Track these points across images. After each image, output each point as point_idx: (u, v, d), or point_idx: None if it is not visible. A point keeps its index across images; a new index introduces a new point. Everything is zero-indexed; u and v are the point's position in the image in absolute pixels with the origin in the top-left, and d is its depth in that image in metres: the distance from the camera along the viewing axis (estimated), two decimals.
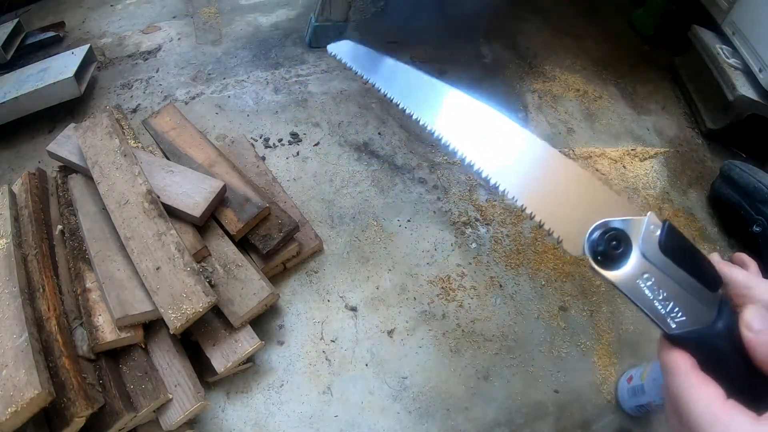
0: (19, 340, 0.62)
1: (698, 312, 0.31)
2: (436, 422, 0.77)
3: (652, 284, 0.31)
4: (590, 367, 0.84)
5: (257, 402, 0.77)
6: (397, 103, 0.48)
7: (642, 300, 0.31)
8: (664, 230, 0.31)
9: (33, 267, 0.75)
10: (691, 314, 0.31)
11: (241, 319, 0.75)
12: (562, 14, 1.53)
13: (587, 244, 0.33)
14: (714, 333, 0.30)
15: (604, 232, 0.32)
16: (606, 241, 0.32)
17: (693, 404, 0.28)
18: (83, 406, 0.61)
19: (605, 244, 0.32)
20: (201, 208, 0.80)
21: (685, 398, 0.29)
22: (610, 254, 0.32)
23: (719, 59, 1.17)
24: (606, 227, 0.32)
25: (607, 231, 0.32)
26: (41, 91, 1.08)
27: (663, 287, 0.31)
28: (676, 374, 0.30)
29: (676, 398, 0.30)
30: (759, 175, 0.95)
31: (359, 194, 1.03)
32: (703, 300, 0.31)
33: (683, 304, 0.31)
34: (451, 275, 0.92)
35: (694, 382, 0.29)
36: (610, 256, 0.32)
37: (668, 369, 0.31)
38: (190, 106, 1.19)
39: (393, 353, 0.83)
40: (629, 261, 0.32)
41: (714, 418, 0.27)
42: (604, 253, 0.32)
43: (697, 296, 0.31)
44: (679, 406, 0.29)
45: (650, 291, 0.31)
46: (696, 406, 0.28)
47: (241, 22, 1.43)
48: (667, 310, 0.31)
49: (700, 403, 0.28)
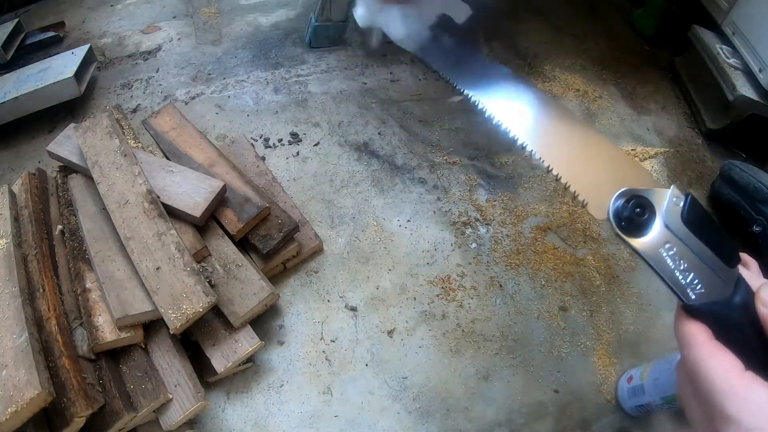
0: (19, 340, 0.62)
1: (717, 285, 0.31)
2: (436, 422, 0.77)
3: (673, 254, 0.32)
4: (590, 367, 0.84)
5: (257, 402, 0.77)
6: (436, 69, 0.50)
7: (664, 269, 0.32)
8: (687, 202, 0.32)
9: (33, 267, 0.75)
10: (710, 287, 0.31)
11: (241, 319, 0.75)
12: (562, 14, 1.53)
13: (612, 209, 0.33)
14: (731, 307, 0.31)
15: (629, 199, 0.33)
16: (630, 208, 0.32)
17: (710, 373, 0.28)
18: (83, 406, 0.61)
19: (629, 211, 0.32)
20: (201, 208, 0.80)
21: (703, 367, 0.28)
22: (634, 221, 0.32)
23: (719, 59, 1.17)
24: (631, 194, 0.33)
25: (632, 198, 0.32)
26: (41, 91, 1.08)
27: (684, 258, 0.31)
28: (694, 344, 0.30)
29: (693, 368, 0.29)
30: (759, 175, 0.95)
31: (359, 194, 1.03)
32: (722, 274, 0.31)
33: (703, 277, 0.31)
34: (451, 275, 0.92)
35: (712, 351, 0.29)
36: (633, 223, 0.32)
37: (686, 339, 0.31)
38: (190, 106, 1.19)
39: (393, 353, 0.83)
40: (652, 230, 0.32)
41: (731, 388, 0.27)
42: (629, 219, 0.32)
43: (717, 270, 0.31)
44: (696, 375, 0.29)
45: (672, 261, 0.32)
46: (713, 375, 0.28)
47: (241, 22, 1.43)
48: (687, 280, 0.31)
49: (718, 371, 0.28)
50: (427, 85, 1.25)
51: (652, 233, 0.32)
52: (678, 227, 0.32)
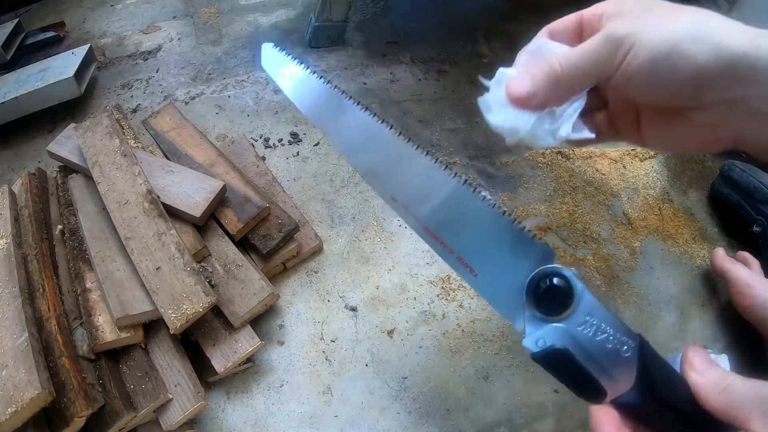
0: (19, 340, 0.62)
1: (627, 371, 0.30)
2: (436, 422, 0.77)
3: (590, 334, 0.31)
4: None
5: (257, 402, 0.77)
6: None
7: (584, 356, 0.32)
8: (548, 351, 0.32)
9: (33, 267, 0.75)
10: (624, 374, 0.30)
11: (241, 319, 0.75)
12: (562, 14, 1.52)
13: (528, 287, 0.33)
14: (646, 393, 0.30)
15: (548, 276, 0.32)
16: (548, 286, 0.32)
17: None
18: (83, 406, 0.61)
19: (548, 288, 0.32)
20: (201, 208, 0.80)
21: None
22: (552, 299, 0.32)
23: None
24: (550, 271, 0.32)
25: (552, 275, 0.32)
26: (41, 91, 1.08)
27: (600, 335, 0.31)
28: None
29: None
30: (759, 175, 0.95)
31: (359, 194, 1.03)
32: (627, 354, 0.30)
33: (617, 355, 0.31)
34: (451, 275, 0.92)
35: None
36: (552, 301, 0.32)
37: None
38: (190, 106, 1.19)
39: (393, 353, 0.83)
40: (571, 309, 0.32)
41: None
42: (547, 297, 0.32)
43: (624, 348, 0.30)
44: None
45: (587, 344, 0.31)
46: None
47: (241, 22, 1.43)
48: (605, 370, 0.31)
49: None
50: (427, 85, 1.25)
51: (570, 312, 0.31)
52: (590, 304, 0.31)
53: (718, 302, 0.90)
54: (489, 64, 1.35)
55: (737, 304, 0.78)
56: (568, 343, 0.31)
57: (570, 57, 0.30)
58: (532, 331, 0.32)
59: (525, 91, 0.31)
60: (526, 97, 0.31)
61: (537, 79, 0.31)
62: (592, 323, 0.30)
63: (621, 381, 0.30)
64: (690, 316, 0.89)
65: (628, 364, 0.30)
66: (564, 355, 0.31)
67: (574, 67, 0.29)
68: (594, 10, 0.33)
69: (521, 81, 0.31)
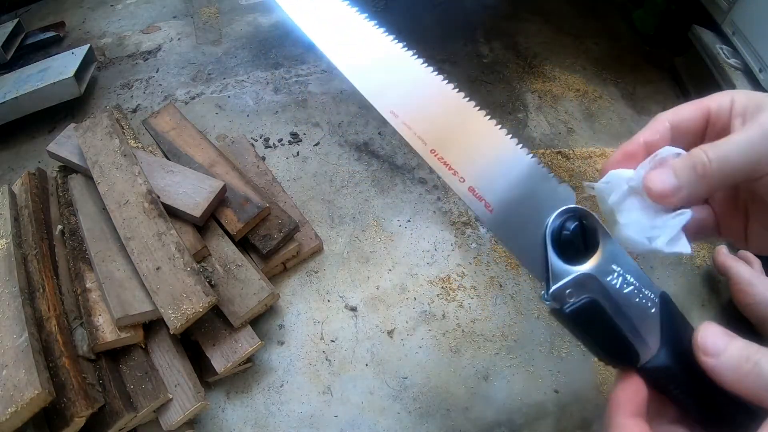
0: (19, 340, 0.62)
1: (652, 333, 0.27)
2: (436, 422, 0.77)
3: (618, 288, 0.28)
4: (590, 367, 0.84)
5: (257, 402, 0.77)
6: None
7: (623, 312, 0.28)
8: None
9: (33, 267, 0.75)
10: (650, 335, 0.27)
11: (241, 319, 0.75)
12: (562, 14, 1.53)
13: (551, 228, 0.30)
14: (664, 363, 0.26)
15: (573, 218, 0.29)
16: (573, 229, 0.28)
17: None
18: (83, 406, 0.61)
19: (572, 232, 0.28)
20: (201, 208, 0.80)
21: None
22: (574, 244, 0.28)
23: (719, 59, 1.17)
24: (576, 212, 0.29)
25: (577, 217, 0.29)
26: (41, 91, 1.08)
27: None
28: (614, 418, 0.26)
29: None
30: None
31: (359, 194, 1.03)
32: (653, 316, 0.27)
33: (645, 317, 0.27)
34: (451, 275, 0.92)
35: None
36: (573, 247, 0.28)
37: (611, 409, 0.27)
38: (190, 106, 1.19)
39: (393, 353, 0.83)
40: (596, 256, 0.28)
41: None
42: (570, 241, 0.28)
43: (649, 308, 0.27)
44: None
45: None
46: None
47: (241, 22, 1.43)
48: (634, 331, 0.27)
49: None
50: None
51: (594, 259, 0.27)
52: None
53: (718, 302, 0.90)
54: (489, 64, 1.35)
55: (738, 301, 0.78)
56: (597, 293, 0.26)
57: (720, 149, 0.27)
58: (558, 283, 0.27)
59: (669, 186, 0.27)
60: (671, 192, 0.27)
61: (680, 173, 0.27)
62: (618, 273, 0.27)
63: (650, 342, 0.26)
64: (690, 316, 0.88)
65: (654, 322, 0.26)
66: (594, 308, 0.26)
67: (725, 160, 0.26)
68: (721, 101, 0.29)
69: (663, 176, 0.27)
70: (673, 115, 0.32)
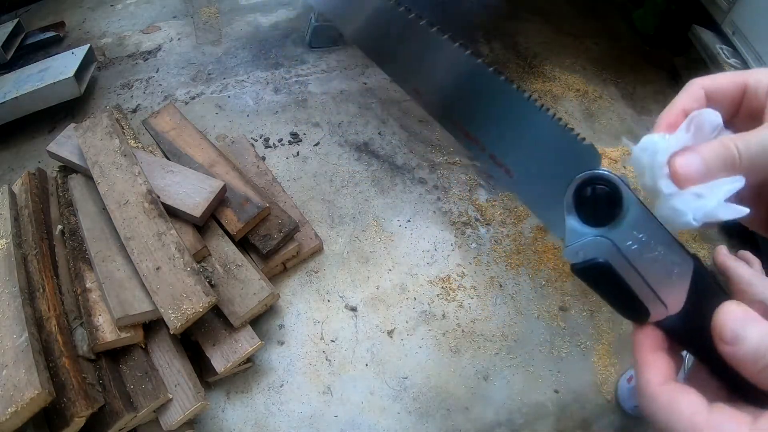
0: (19, 340, 0.62)
1: (675, 292, 0.27)
2: (436, 422, 0.77)
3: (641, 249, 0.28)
4: (590, 367, 0.84)
5: (257, 402, 0.77)
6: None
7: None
8: None
9: (33, 267, 0.75)
10: (672, 295, 0.27)
11: (241, 319, 0.75)
12: (562, 14, 1.53)
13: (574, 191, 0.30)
14: (688, 320, 0.26)
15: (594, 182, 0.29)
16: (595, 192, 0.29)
17: (674, 424, 0.24)
18: (83, 406, 0.61)
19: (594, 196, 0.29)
20: (201, 208, 0.80)
21: (665, 420, 0.24)
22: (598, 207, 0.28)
23: (719, 59, 1.17)
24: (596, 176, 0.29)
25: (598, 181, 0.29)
26: (41, 91, 1.08)
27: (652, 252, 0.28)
28: (648, 391, 0.26)
29: (650, 416, 0.25)
30: None
31: (359, 194, 1.03)
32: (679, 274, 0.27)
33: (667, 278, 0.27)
34: (451, 275, 0.92)
35: (667, 398, 0.25)
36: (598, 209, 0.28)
37: (638, 382, 0.27)
38: (190, 106, 1.19)
39: (393, 353, 0.83)
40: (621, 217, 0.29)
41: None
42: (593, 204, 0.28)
43: (676, 266, 0.27)
44: (656, 424, 0.25)
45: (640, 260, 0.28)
46: (678, 425, 0.24)
47: (241, 22, 1.43)
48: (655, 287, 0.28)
49: (681, 422, 0.24)
50: None
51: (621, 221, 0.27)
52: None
53: None
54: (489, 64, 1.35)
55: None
56: (610, 257, 0.28)
57: (749, 144, 0.27)
58: (572, 241, 0.28)
59: (695, 170, 0.27)
60: (696, 178, 0.27)
61: (709, 160, 0.27)
62: (639, 239, 0.27)
63: (669, 303, 0.27)
64: None
65: (679, 287, 0.27)
66: (605, 269, 0.28)
67: (755, 155, 0.26)
68: (760, 79, 0.29)
69: (691, 160, 0.27)
70: (710, 81, 0.31)
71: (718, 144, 0.27)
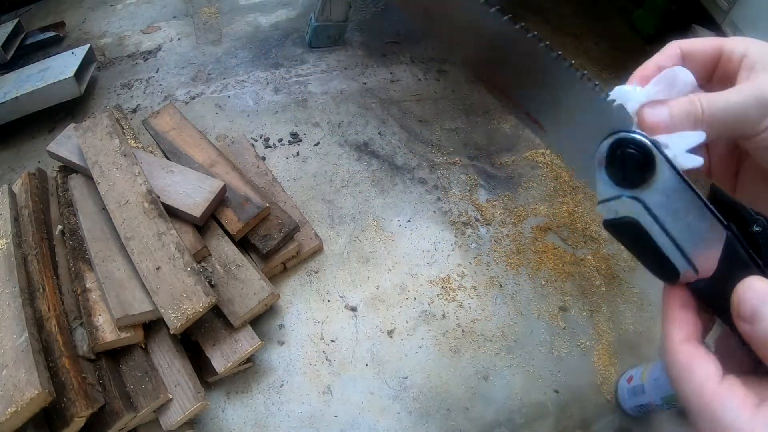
0: (19, 340, 0.62)
1: (707, 255, 0.27)
2: (436, 422, 0.77)
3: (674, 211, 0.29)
4: (590, 367, 0.84)
5: (257, 402, 0.77)
6: None
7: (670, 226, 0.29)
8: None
9: (33, 267, 0.75)
10: (702, 257, 0.27)
11: (241, 319, 0.75)
12: (562, 14, 1.53)
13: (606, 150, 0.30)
14: (715, 286, 0.27)
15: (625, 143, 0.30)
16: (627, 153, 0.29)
17: (684, 384, 0.25)
18: (83, 406, 0.61)
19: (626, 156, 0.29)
20: (201, 208, 0.80)
21: (676, 374, 0.25)
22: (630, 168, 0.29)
23: None
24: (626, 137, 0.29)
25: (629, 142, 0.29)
26: (41, 91, 1.08)
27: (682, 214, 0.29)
28: (668, 346, 0.27)
29: (669, 373, 0.26)
30: None
31: (359, 194, 1.03)
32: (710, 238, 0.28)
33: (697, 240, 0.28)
34: (451, 275, 0.92)
35: (686, 357, 0.25)
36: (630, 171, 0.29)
37: (662, 336, 0.27)
38: (190, 106, 1.19)
39: (393, 353, 0.83)
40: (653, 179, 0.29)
41: (703, 405, 0.23)
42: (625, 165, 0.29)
43: (705, 232, 0.28)
44: (672, 381, 0.26)
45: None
46: (687, 386, 0.24)
47: (241, 22, 1.43)
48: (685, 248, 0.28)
49: (691, 383, 0.24)
50: (427, 85, 1.25)
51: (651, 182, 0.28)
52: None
53: None
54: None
55: None
56: (641, 217, 0.28)
57: (714, 104, 0.28)
58: (604, 198, 0.29)
59: (661, 121, 0.29)
60: (662, 128, 0.29)
61: (675, 114, 0.29)
62: (669, 206, 0.28)
63: (700, 267, 0.28)
64: None
65: (710, 254, 0.28)
66: (635, 228, 0.29)
67: (716, 116, 0.28)
68: (735, 45, 0.30)
69: (659, 111, 0.29)
70: (687, 44, 0.33)
71: (686, 100, 0.29)
